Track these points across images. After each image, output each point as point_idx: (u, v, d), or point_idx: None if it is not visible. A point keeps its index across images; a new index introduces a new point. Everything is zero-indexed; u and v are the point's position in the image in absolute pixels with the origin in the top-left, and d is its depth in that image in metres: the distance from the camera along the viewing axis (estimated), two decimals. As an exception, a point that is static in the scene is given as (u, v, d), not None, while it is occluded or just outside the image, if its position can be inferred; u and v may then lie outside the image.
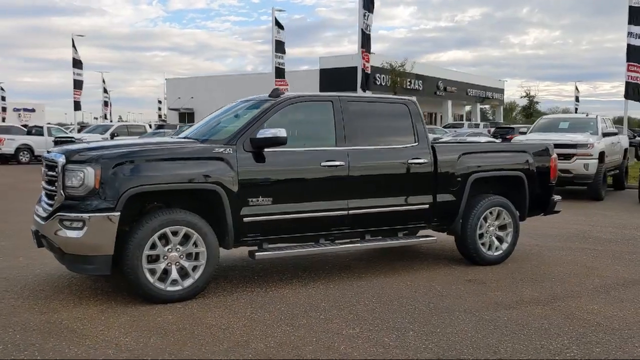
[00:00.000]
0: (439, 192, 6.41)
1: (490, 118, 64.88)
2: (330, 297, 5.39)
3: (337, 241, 6.10)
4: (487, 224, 6.73)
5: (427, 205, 6.35)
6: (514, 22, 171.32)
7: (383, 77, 44.29)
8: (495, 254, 6.79)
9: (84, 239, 4.82)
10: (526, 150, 7.13)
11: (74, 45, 41.18)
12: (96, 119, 65.41)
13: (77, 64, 41.24)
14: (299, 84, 47.73)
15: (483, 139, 17.01)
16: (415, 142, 6.35)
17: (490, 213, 6.72)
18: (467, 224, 6.60)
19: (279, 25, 31.31)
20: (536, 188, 7.09)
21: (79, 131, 32.68)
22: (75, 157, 4.98)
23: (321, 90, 45.67)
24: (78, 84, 41.13)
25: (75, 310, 4.90)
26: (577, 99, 56.94)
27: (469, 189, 6.55)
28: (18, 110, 72.12)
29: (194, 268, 5.20)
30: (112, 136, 23.59)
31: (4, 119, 54.43)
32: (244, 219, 5.38)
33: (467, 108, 63.76)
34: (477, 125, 43.48)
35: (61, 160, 4.99)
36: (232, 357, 3.96)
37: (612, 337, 4.45)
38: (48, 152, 5.58)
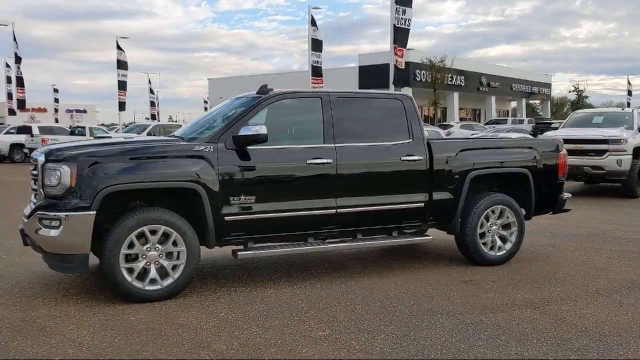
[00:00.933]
0: (435, 190, 6.20)
1: (541, 114, 63.19)
2: (313, 297, 5.27)
3: (328, 240, 5.97)
4: (489, 223, 6.48)
5: (422, 204, 6.15)
6: (566, 15, 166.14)
7: (423, 74, 43.73)
8: (498, 254, 6.53)
9: (60, 238, 4.85)
10: (532, 146, 6.83)
11: (118, 47, 42.22)
12: (147, 119, 67.04)
13: (121, 65, 42.28)
14: (338, 82, 47.64)
15: (515, 135, 16.52)
16: (409, 139, 6.16)
17: (492, 212, 6.47)
18: (466, 223, 6.37)
19: (314, 23, 31.29)
20: (543, 185, 6.80)
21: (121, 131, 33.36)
22: (54, 155, 5.01)
23: (360, 87, 45.45)
24: (122, 85, 42.18)
25: (55, 308, 4.93)
26: (629, 93, 54.86)
27: (468, 186, 6.32)
28: (71, 111, 74.93)
29: (174, 267, 5.17)
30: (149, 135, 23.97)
31: (56, 120, 56.41)
32: (225, 217, 5.31)
33: (513, 104, 62.30)
34: (521, 121, 42.43)
35: (41, 159, 5.04)
36: (189, 358, 3.90)
37: (596, 343, 4.19)
38: (35, 151, 5.65)
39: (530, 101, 63.48)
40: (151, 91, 58.13)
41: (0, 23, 38.42)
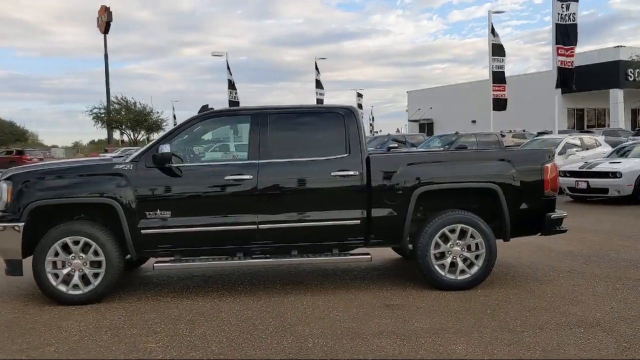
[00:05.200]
0: (374, 207, 5.86)
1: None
2: (207, 312, 5.36)
3: (267, 255, 6.00)
4: (449, 244, 5.89)
5: (358, 221, 5.85)
6: None
7: (638, 72, 38.88)
8: (460, 278, 5.90)
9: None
10: (505, 158, 6.04)
11: (316, 68, 45.20)
12: (378, 132, 69.36)
13: (318, 84, 45.18)
14: (535, 87, 44.62)
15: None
16: (346, 153, 5.92)
17: (451, 231, 5.88)
18: (417, 243, 5.90)
19: (493, 31, 30.08)
20: (522, 203, 5.97)
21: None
22: (4, 175, 5.91)
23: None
24: (319, 103, 44.95)
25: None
26: None
27: (415, 203, 5.84)
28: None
29: (95, 275, 5.71)
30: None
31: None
32: (142, 231, 5.70)
33: None
34: None
35: (-1, 178, 5.99)
36: (16, 356, 4.37)
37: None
38: None
39: None
40: (359, 107, 60.66)
41: (216, 54, 43.57)
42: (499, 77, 30.04)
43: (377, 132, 53.36)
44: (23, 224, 5.62)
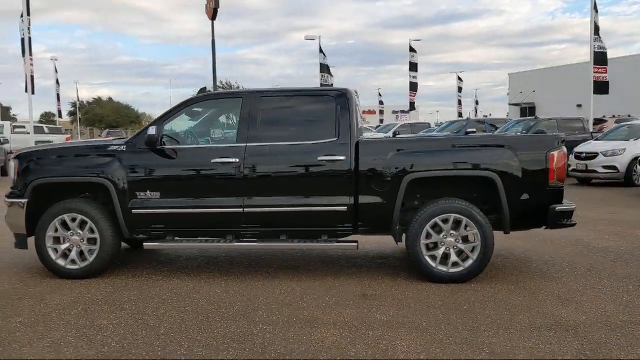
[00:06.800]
0: (361, 194, 5.66)
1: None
2: (184, 293, 5.42)
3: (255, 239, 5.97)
4: (442, 234, 5.58)
5: (345, 207, 5.67)
6: None
7: None
8: (452, 270, 5.58)
9: (7, 220, 6.09)
10: (505, 144, 5.59)
11: (410, 50, 44.27)
12: (488, 115, 66.97)
13: (412, 67, 44.20)
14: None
15: None
16: (335, 137, 5.74)
17: (444, 221, 5.56)
18: (407, 232, 5.64)
19: (596, 8, 28.07)
20: (524, 193, 5.54)
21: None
22: (15, 153, 6.28)
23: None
24: (413, 86, 44.06)
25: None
26: None
27: (405, 190, 5.57)
28: (396, 112, 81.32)
29: (91, 251, 5.94)
30: (394, 134, 24.73)
31: (381, 120, 61.52)
32: (132, 210, 5.85)
33: None
34: None
35: (12, 156, 6.38)
36: (-20, 324, 4.66)
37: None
38: None
39: None
40: (459, 90, 58.80)
41: (308, 38, 43.86)
42: (600, 58, 28.05)
43: (486, 116, 51.42)
44: (27, 200, 5.94)
